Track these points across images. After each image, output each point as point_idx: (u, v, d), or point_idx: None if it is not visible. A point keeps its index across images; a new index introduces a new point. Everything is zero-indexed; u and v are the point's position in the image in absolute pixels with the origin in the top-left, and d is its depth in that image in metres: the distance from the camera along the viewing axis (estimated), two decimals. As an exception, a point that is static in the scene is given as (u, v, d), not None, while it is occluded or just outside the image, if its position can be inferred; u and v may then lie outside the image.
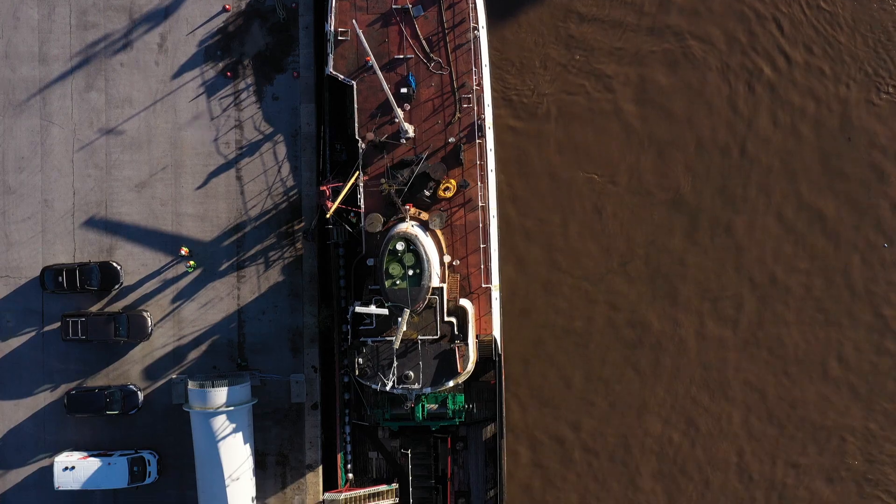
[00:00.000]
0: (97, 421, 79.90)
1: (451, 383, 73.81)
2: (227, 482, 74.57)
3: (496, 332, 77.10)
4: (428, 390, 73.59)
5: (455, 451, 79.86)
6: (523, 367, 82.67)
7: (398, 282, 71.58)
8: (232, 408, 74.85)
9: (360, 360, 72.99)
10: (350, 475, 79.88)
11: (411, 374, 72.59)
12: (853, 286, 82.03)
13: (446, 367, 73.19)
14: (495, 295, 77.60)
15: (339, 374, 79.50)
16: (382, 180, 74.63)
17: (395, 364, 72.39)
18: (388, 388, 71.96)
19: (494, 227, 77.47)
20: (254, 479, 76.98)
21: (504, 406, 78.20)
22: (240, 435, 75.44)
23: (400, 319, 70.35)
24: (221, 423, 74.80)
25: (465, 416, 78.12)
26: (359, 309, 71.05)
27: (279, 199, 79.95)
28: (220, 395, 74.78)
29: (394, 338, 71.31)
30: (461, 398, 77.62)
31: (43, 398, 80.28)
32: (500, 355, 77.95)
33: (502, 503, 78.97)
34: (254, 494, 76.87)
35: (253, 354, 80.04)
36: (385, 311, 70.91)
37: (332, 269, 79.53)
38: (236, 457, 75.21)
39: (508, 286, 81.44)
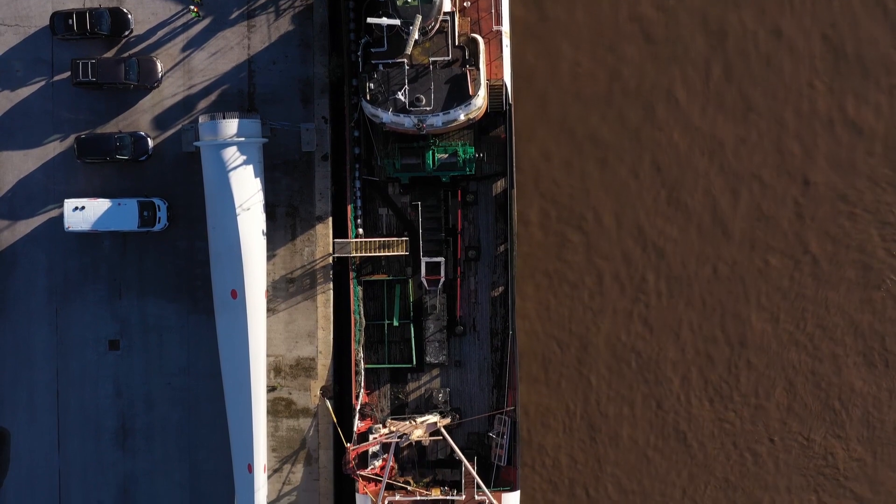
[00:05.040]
0: (106, 169, 79.61)
1: (461, 115, 73.37)
2: (237, 212, 74.06)
3: (507, 79, 76.80)
4: (439, 119, 73.06)
5: (465, 203, 79.41)
6: (532, 125, 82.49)
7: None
8: (242, 139, 74.42)
9: (372, 86, 72.41)
10: (360, 230, 79.48)
11: (423, 97, 72.03)
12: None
13: (457, 91, 72.65)
14: (506, 42, 77.25)
15: (349, 128, 79.04)
16: None
17: (407, 88, 71.90)
18: (399, 98, 71.19)
19: (504, -32, 77.13)
20: (264, 214, 76.48)
21: (514, 155, 77.91)
22: (250, 168, 74.92)
23: (412, 27, 69.56)
24: (232, 155, 74.28)
25: (475, 167, 77.81)
26: (370, 19, 70.39)
27: (289, -53, 79.55)
28: (230, 125, 74.32)
29: (404, 58, 70.96)
30: (471, 149, 77.29)
31: (52, 148, 80.00)
32: (510, 104, 77.65)
33: (513, 257, 78.79)
34: (264, 228, 76.30)
35: (263, 105, 79.57)
36: (397, 21, 70.22)
37: (342, 20, 79.07)
38: (246, 188, 74.58)
39: (516, 44, 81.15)
